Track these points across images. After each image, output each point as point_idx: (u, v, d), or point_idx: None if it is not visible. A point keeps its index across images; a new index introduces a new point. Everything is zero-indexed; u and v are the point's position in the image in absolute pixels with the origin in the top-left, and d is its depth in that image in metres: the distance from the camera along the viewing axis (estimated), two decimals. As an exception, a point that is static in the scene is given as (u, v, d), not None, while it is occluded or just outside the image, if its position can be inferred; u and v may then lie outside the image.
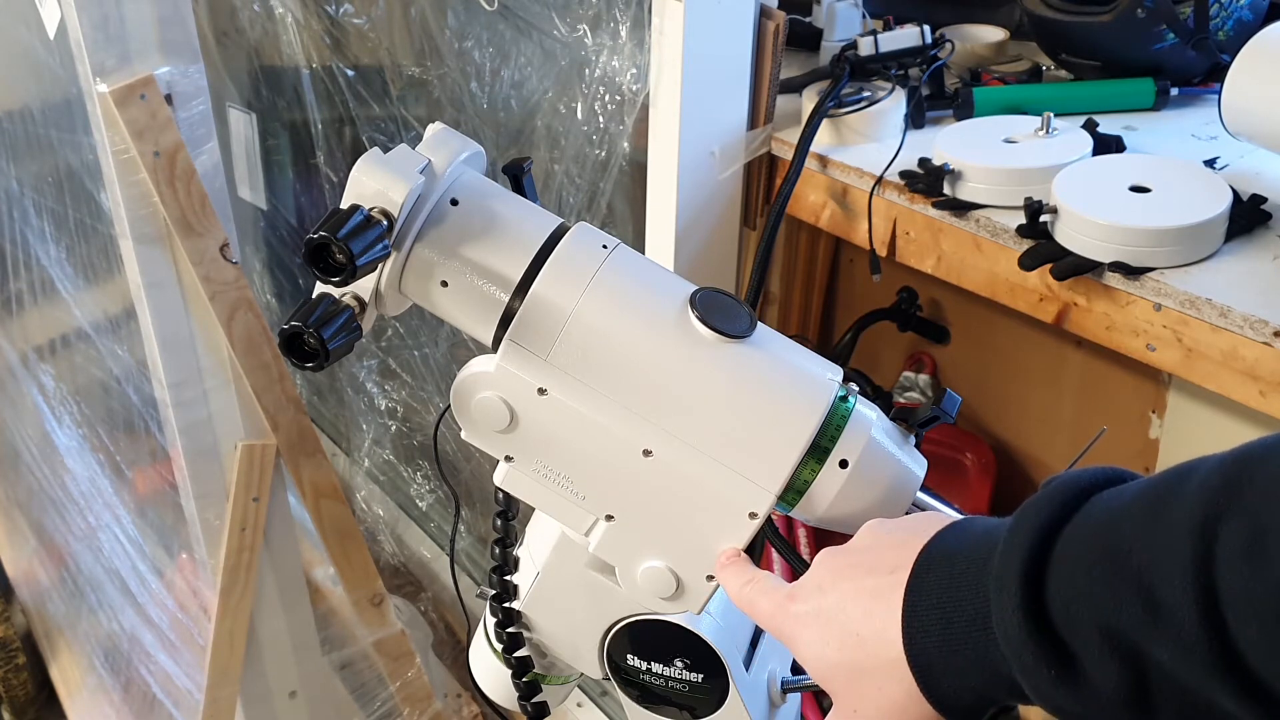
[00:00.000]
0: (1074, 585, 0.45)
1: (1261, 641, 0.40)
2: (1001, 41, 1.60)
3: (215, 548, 1.56)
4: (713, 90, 1.38)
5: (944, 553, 0.52)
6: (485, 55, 1.79)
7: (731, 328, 0.63)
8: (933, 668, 0.51)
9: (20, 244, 1.91)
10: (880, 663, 0.53)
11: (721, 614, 0.73)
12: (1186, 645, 0.41)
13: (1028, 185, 1.20)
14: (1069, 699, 0.46)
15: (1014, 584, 0.47)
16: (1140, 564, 0.43)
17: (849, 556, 0.57)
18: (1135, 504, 0.45)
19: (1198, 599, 0.41)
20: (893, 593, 0.53)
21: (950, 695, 0.51)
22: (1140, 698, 0.44)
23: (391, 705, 1.88)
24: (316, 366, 0.60)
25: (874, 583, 0.54)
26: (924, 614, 0.51)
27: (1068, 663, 0.46)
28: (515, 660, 0.76)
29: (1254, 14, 1.38)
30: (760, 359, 0.64)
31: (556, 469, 0.65)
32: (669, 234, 1.44)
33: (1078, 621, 0.45)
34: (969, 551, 0.51)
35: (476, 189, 0.65)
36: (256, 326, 1.43)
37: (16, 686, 2.32)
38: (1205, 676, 0.41)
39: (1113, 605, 0.44)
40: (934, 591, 0.51)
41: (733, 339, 0.63)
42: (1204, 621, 0.41)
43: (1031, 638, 0.46)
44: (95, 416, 1.89)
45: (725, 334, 0.63)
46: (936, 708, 0.52)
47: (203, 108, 1.33)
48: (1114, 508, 0.46)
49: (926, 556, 0.53)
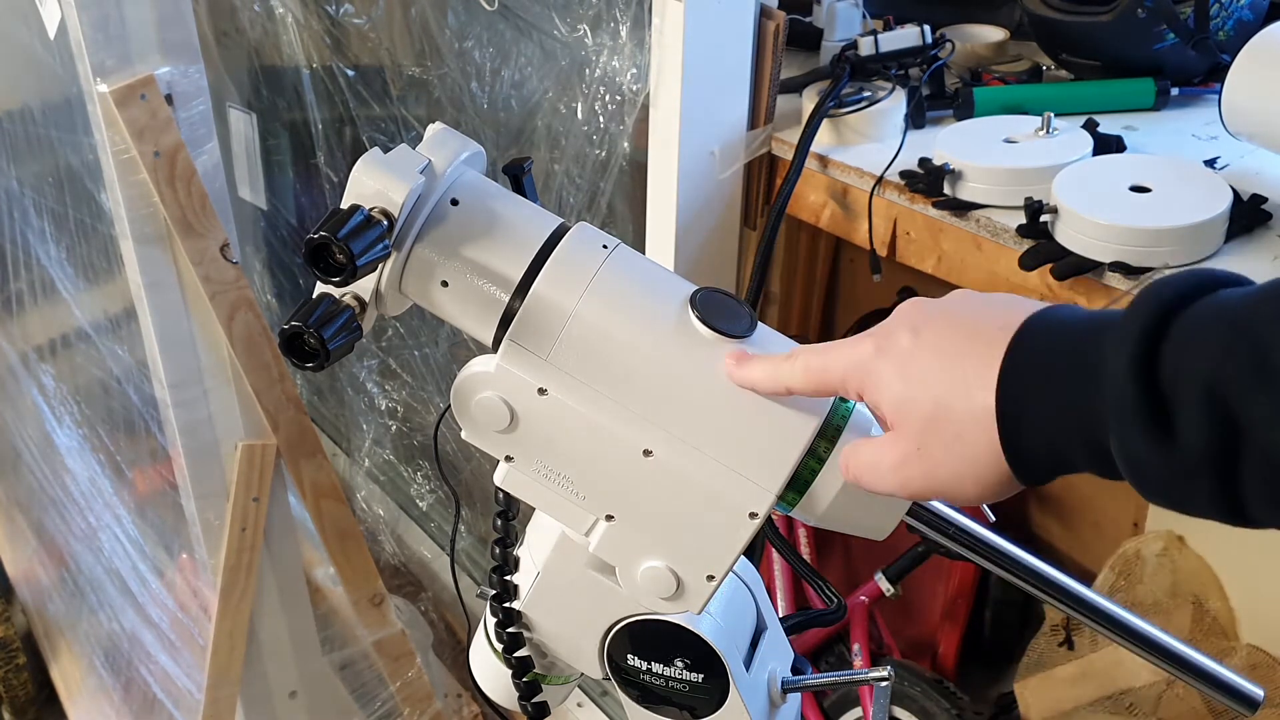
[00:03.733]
0: (1189, 339, 0.46)
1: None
2: (1001, 41, 1.60)
3: (215, 548, 1.56)
4: (713, 90, 1.38)
5: (1057, 317, 0.52)
6: (485, 55, 1.79)
7: (731, 328, 0.63)
8: (1020, 416, 0.51)
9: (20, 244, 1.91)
10: (966, 406, 0.52)
11: (721, 614, 0.73)
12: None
13: (1028, 185, 1.20)
14: (1154, 453, 0.46)
15: (1134, 331, 0.47)
16: (1261, 334, 0.44)
17: (945, 308, 0.56)
18: (1271, 291, 0.46)
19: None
20: (997, 342, 0.52)
21: (1027, 448, 0.51)
22: (1227, 459, 0.45)
23: (391, 705, 1.88)
24: (316, 366, 0.60)
25: (978, 331, 0.54)
26: (1025, 364, 0.51)
27: (1163, 414, 0.46)
28: (515, 660, 0.76)
29: (1254, 14, 1.38)
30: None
31: (557, 469, 0.65)
32: (669, 234, 1.44)
33: (1184, 372, 0.45)
34: (1083, 319, 0.51)
35: (477, 189, 0.65)
36: (256, 326, 1.43)
37: (16, 686, 2.32)
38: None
39: (1222, 360, 0.44)
40: (1041, 347, 0.51)
41: (733, 339, 0.63)
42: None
43: (1136, 381, 0.46)
44: (95, 416, 1.89)
45: (725, 334, 0.63)
46: (1010, 458, 0.52)
47: (203, 108, 1.33)
48: (1250, 292, 0.47)
49: (1039, 317, 0.53)
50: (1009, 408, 0.52)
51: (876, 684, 0.78)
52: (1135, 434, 0.47)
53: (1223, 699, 0.63)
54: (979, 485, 0.54)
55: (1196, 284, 0.48)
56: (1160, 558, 1.54)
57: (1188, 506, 0.48)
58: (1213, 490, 0.46)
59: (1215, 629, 1.50)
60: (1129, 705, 1.54)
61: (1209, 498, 0.46)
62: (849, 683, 0.93)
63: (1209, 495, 0.46)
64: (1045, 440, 0.51)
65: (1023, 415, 0.51)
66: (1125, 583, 1.56)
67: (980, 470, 0.53)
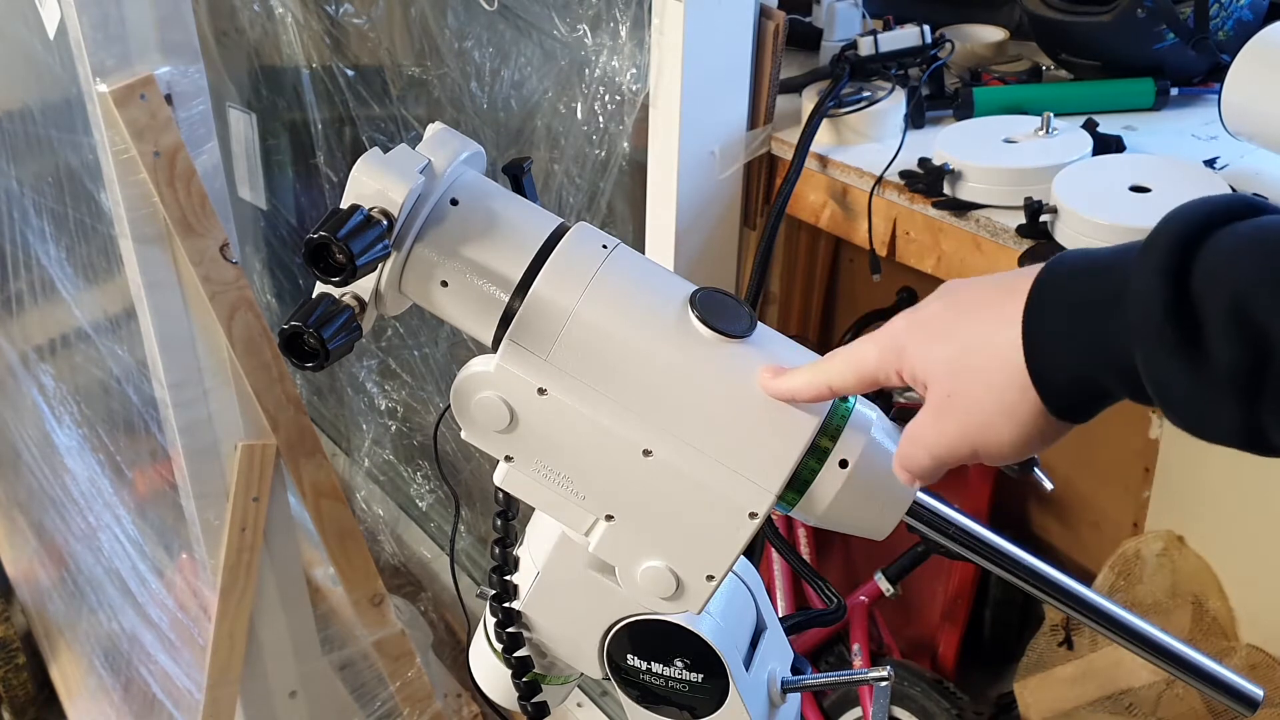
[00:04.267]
0: (1220, 256, 0.45)
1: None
2: (1001, 41, 1.60)
3: (215, 548, 1.56)
4: (713, 90, 1.38)
5: (1083, 251, 0.52)
6: (485, 55, 1.79)
7: (731, 328, 0.63)
8: (1044, 340, 0.50)
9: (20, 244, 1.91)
10: (992, 342, 0.52)
11: (721, 614, 0.73)
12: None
13: (1028, 185, 1.20)
14: (1181, 372, 0.46)
15: (1162, 249, 0.46)
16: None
17: (974, 278, 0.57)
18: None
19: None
20: (1021, 287, 0.52)
21: (1054, 373, 0.51)
22: (1254, 378, 0.44)
23: (391, 705, 1.88)
24: (316, 366, 0.60)
25: (1002, 282, 0.54)
26: (1049, 293, 0.51)
27: (1193, 331, 0.45)
28: (515, 660, 0.76)
29: (1254, 14, 1.38)
30: (760, 359, 0.64)
31: (556, 469, 0.65)
32: (669, 234, 1.44)
33: (1215, 290, 0.45)
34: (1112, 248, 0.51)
35: (476, 189, 0.65)
36: (256, 326, 1.43)
37: (16, 686, 2.32)
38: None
39: (1254, 280, 0.44)
40: (1065, 276, 0.51)
41: (733, 339, 0.63)
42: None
43: (1166, 298, 0.45)
44: (95, 416, 1.89)
45: (725, 334, 0.63)
46: (1038, 385, 0.51)
47: (203, 108, 1.33)
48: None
49: (1064, 254, 0.52)
50: (1033, 332, 0.51)
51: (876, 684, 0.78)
52: (1162, 352, 0.46)
53: (1222, 699, 0.63)
54: (1015, 425, 0.53)
55: (1228, 206, 0.47)
56: (1160, 558, 1.54)
57: (1211, 430, 0.47)
58: (1236, 412, 0.45)
59: (1215, 629, 1.50)
60: (1129, 705, 1.54)
61: (1232, 420, 0.45)
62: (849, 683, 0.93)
63: (1232, 418, 0.45)
64: (1073, 363, 0.50)
65: (1047, 338, 0.50)
66: (1125, 583, 1.56)
67: (1012, 407, 0.52)
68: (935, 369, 0.55)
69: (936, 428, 0.56)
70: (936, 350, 0.55)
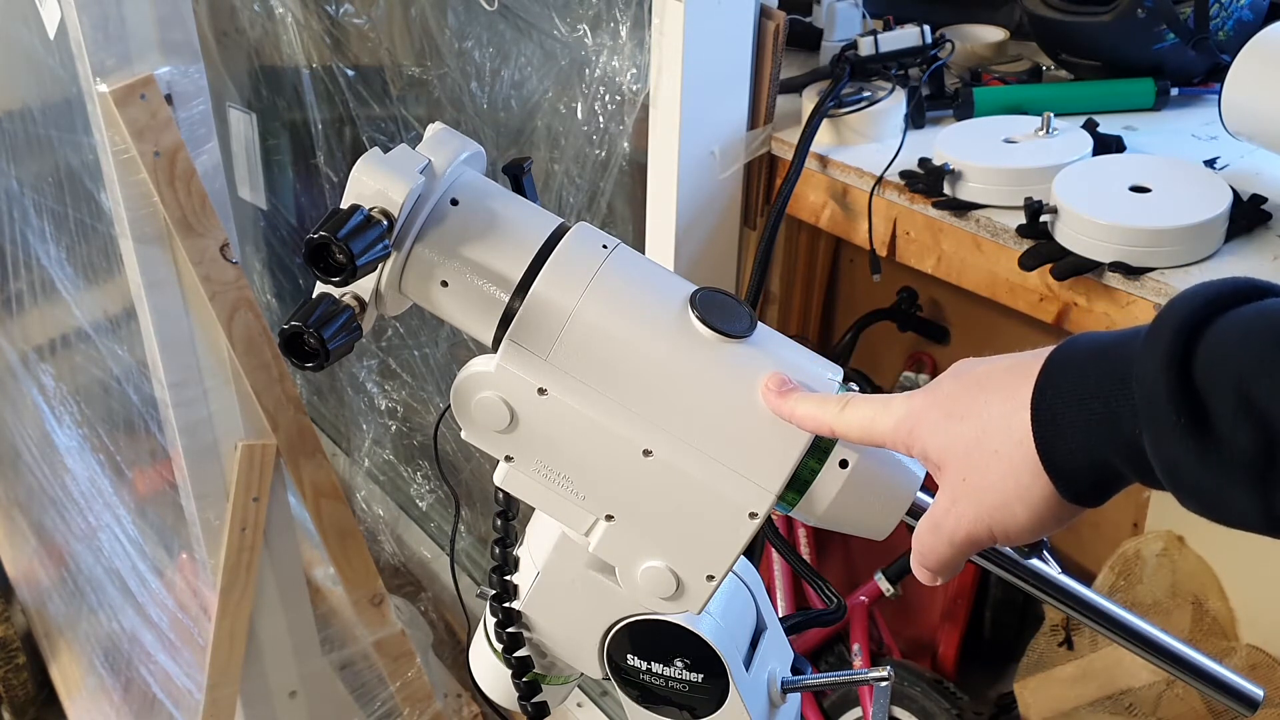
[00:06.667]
0: (1225, 346, 0.45)
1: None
2: (1001, 41, 1.60)
3: (215, 548, 1.56)
4: (713, 90, 1.38)
5: (1092, 335, 0.52)
6: (485, 55, 1.79)
7: (731, 328, 0.63)
8: (1053, 424, 0.51)
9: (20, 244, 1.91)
10: (1004, 425, 0.52)
11: (721, 614, 0.73)
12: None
13: (1028, 185, 1.20)
14: (1192, 456, 0.46)
15: (1166, 335, 0.47)
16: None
17: (989, 358, 0.57)
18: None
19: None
20: (1032, 369, 0.52)
21: (1064, 457, 0.51)
22: (1267, 465, 0.44)
23: (391, 705, 1.88)
24: (316, 366, 0.60)
25: (1015, 363, 0.54)
26: (1058, 376, 0.51)
27: (1201, 418, 0.45)
28: (515, 660, 0.76)
29: (1254, 14, 1.38)
30: (760, 359, 0.64)
31: (556, 469, 0.65)
32: (669, 234, 1.44)
33: (1220, 378, 0.45)
34: (1119, 332, 0.51)
35: (477, 189, 0.65)
36: (256, 326, 1.43)
37: (16, 686, 2.32)
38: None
39: (1257, 368, 0.44)
40: (1074, 360, 0.51)
41: (733, 339, 0.63)
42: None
43: (1170, 385, 0.46)
44: (95, 416, 1.89)
45: (725, 334, 0.63)
46: (1049, 469, 0.51)
47: (203, 108, 1.33)
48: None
49: (1074, 338, 0.53)
50: (1042, 416, 0.51)
51: (876, 684, 0.78)
52: (1172, 437, 0.46)
53: (1223, 699, 0.63)
54: (1028, 509, 0.53)
55: (1233, 290, 0.48)
56: (1160, 558, 1.54)
57: (1229, 515, 0.47)
58: (1254, 499, 0.45)
59: (1215, 629, 1.49)
60: (1129, 705, 1.54)
61: (1251, 506, 0.45)
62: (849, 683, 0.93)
63: (1251, 504, 0.45)
64: (1081, 447, 0.50)
65: (1056, 422, 0.51)
66: (1125, 583, 1.56)
67: (1024, 491, 0.52)
68: (951, 456, 0.55)
69: (954, 513, 0.56)
70: (951, 432, 0.55)
